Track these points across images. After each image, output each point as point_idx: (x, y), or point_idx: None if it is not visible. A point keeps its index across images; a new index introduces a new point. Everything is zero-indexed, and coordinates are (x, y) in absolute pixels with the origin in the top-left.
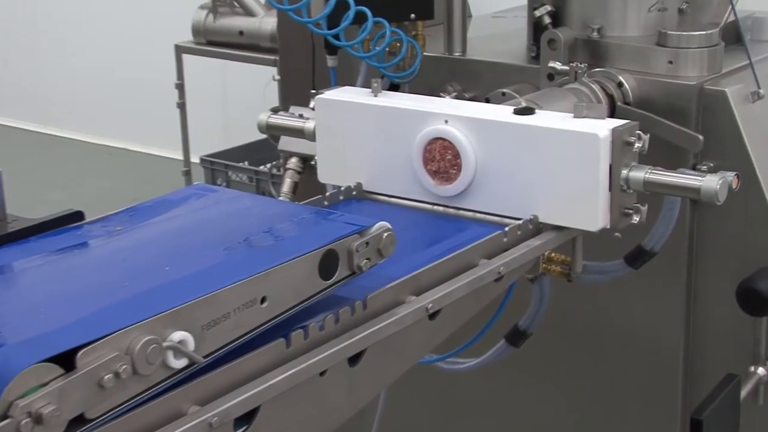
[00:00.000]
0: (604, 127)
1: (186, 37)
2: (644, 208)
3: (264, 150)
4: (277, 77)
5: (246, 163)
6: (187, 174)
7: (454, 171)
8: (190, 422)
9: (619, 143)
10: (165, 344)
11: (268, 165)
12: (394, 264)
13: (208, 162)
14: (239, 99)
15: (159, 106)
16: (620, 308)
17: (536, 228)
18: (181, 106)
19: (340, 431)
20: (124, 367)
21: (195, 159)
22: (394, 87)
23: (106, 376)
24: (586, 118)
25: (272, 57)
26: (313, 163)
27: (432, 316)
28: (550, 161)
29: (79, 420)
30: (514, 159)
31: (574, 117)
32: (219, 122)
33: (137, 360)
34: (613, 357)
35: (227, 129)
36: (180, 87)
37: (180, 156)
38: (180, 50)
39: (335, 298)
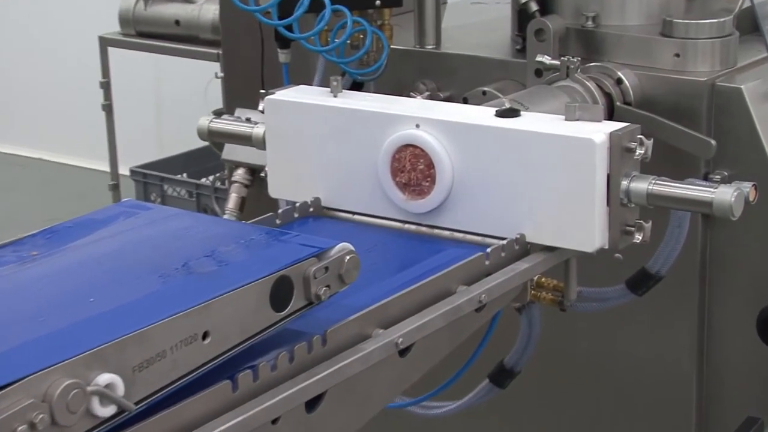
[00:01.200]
0: (600, 130)
1: (112, 28)
2: (648, 225)
3: (205, 160)
4: (221, 74)
5: (184, 175)
6: (115, 188)
7: (427, 183)
8: None
9: (618, 150)
10: (89, 389)
11: (211, 177)
12: (358, 292)
13: (139, 174)
14: (176, 100)
15: (81, 109)
16: (623, 341)
17: (523, 249)
18: (107, 108)
19: None
20: (41, 416)
21: (124, 171)
22: (356, 86)
23: (20, 428)
24: (580, 120)
25: (214, 51)
26: (262, 175)
27: (403, 352)
28: (539, 171)
29: None
30: (497, 169)
31: (566, 119)
32: (152, 127)
33: (56, 408)
34: (615, 398)
35: (162, 135)
36: (106, 86)
37: (106, 167)
38: (105, 43)
39: (290, 333)
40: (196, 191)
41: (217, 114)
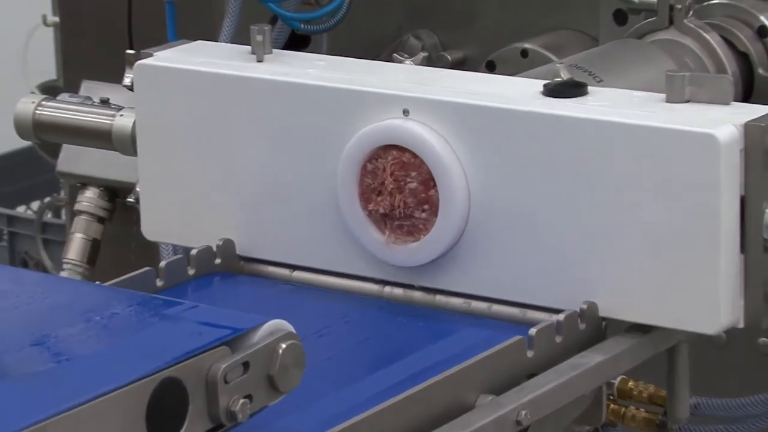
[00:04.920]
0: (728, 120)
1: None
2: None
3: (26, 174)
4: (53, 19)
5: None
6: None
7: (424, 214)
8: None
9: (761, 153)
10: None
11: (35, 205)
12: (303, 408)
13: None
14: None
15: None
16: None
17: (594, 329)
18: None
19: None
20: None
21: None
22: (299, 41)
23: None
24: (692, 102)
25: None
26: (130, 200)
27: None
28: (620, 193)
29: None
30: (546, 188)
31: (667, 101)
32: None
33: None
34: None
35: None
36: None
37: None
38: None
39: None
40: (8, 229)
41: (48, 92)
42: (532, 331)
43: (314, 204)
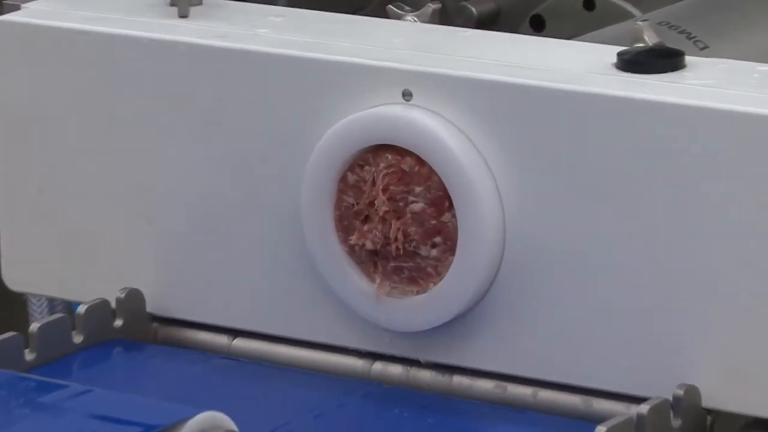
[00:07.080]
0: None
1: None
2: None
3: None
4: None
5: None
6: None
7: (435, 250)
8: None
9: None
10: None
11: None
12: None
13: None
14: None
15: None
16: None
17: (694, 426)
18: None
19: None
20: None
21: None
22: None
23: None
24: None
25: None
26: None
27: None
28: (734, 218)
29: None
30: (623, 212)
31: None
32: None
33: None
34: None
35: None
36: None
37: None
38: None
39: None
40: None
41: None
42: (601, 429)
43: (266, 236)
